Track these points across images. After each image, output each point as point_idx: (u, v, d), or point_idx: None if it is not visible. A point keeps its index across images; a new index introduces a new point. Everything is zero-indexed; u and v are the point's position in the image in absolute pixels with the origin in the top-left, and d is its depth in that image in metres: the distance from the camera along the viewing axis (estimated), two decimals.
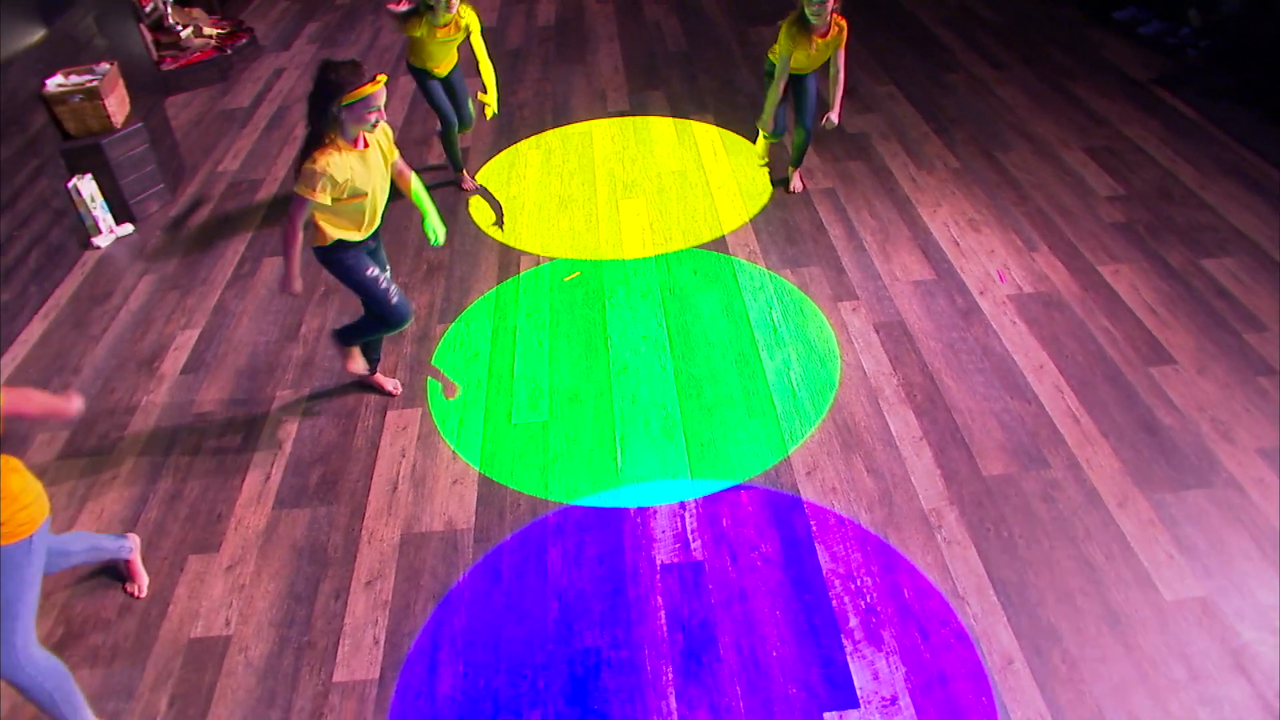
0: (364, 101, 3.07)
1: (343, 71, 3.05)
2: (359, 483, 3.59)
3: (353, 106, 3.07)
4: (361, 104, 3.07)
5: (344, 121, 3.11)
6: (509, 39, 7.62)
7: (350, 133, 3.16)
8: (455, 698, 2.81)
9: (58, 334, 4.58)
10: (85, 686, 2.90)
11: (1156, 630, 2.81)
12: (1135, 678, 2.69)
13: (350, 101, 3.04)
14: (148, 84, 6.89)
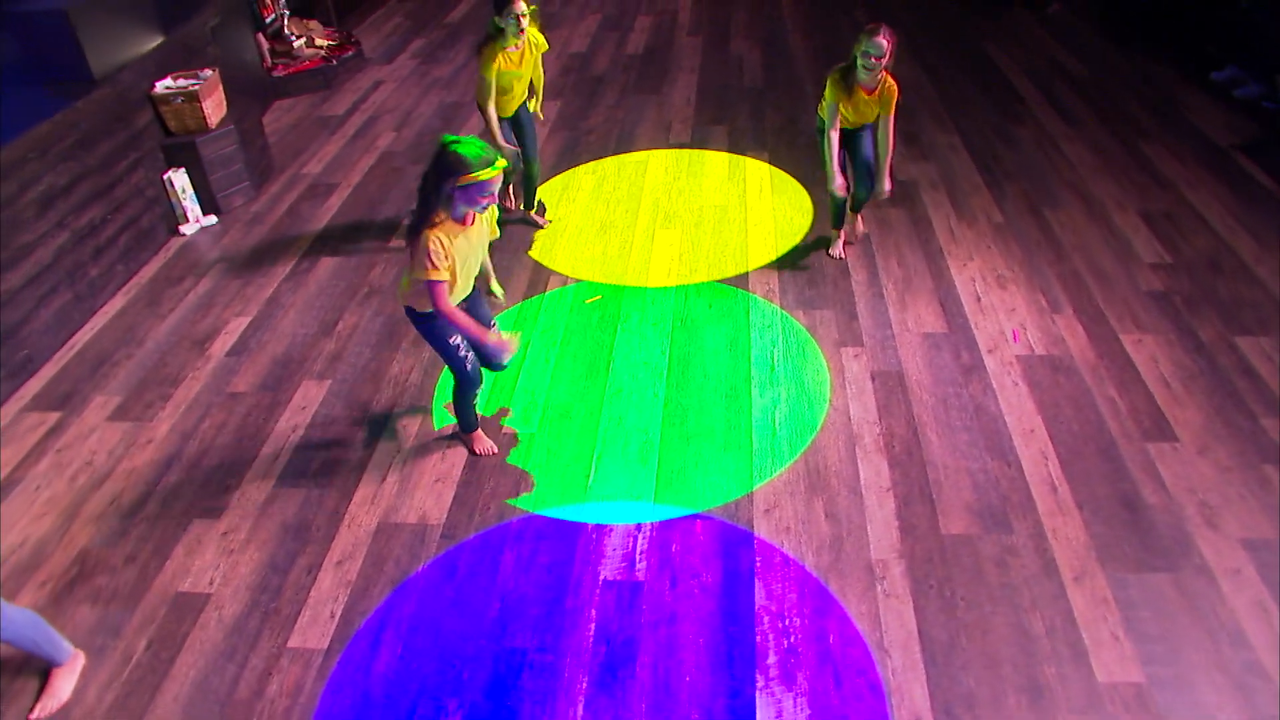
0: (479, 185, 3.05)
1: (464, 153, 3.02)
2: (353, 471, 3.92)
3: (467, 189, 3.06)
4: (476, 188, 3.06)
5: (456, 201, 3.11)
6: (595, 65, 8.01)
7: (460, 212, 3.17)
8: (388, 676, 3.06)
9: (133, 309, 5.17)
10: (81, 621, 3.31)
11: (1079, 711, 2.78)
12: None
13: (466, 184, 3.04)
14: (257, 88, 7.63)
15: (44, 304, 4.76)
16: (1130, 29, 7.86)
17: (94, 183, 5.15)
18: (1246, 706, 2.76)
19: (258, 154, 6.38)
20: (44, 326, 4.76)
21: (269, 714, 2.96)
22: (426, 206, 3.14)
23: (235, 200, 6.16)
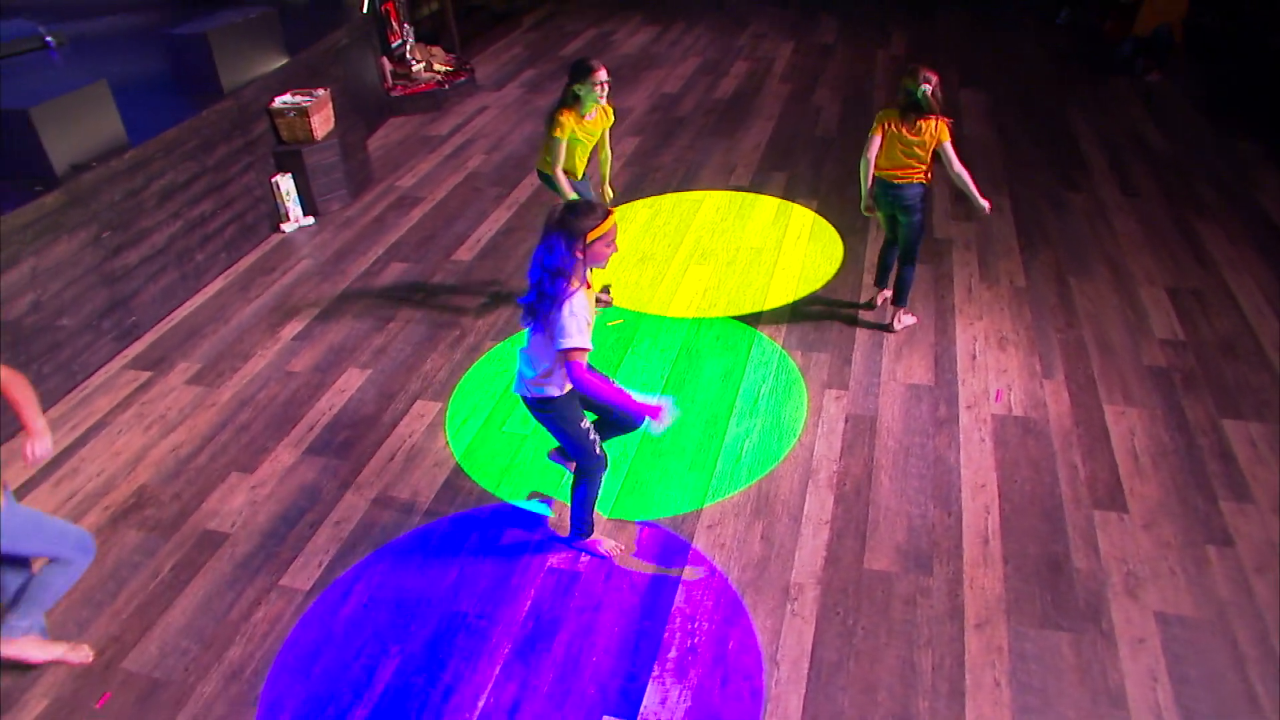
0: (605, 237, 3.14)
1: (583, 213, 3.13)
2: (369, 450, 4.56)
3: (594, 244, 3.13)
4: (603, 240, 3.14)
5: (586, 263, 3.17)
6: (681, 106, 8.57)
7: (586, 272, 3.22)
8: (350, 618, 3.63)
9: (227, 293, 6.06)
10: (127, 542, 4.06)
11: None
12: None
13: (594, 239, 3.12)
14: (374, 106, 8.61)
15: (154, 280, 5.70)
16: (1227, 105, 7.75)
17: (210, 180, 6.11)
18: None
19: (357, 166, 7.27)
20: (151, 299, 5.68)
21: (250, 635, 3.58)
22: (561, 279, 3.10)
23: (332, 205, 7.05)
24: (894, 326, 5.15)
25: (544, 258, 3.12)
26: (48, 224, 4.89)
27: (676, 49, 10.34)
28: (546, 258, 3.11)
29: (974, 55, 9.57)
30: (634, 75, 9.58)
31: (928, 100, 4.61)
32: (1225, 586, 3.51)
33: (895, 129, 4.73)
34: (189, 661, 3.49)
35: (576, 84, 4.94)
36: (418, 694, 3.31)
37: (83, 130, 5.23)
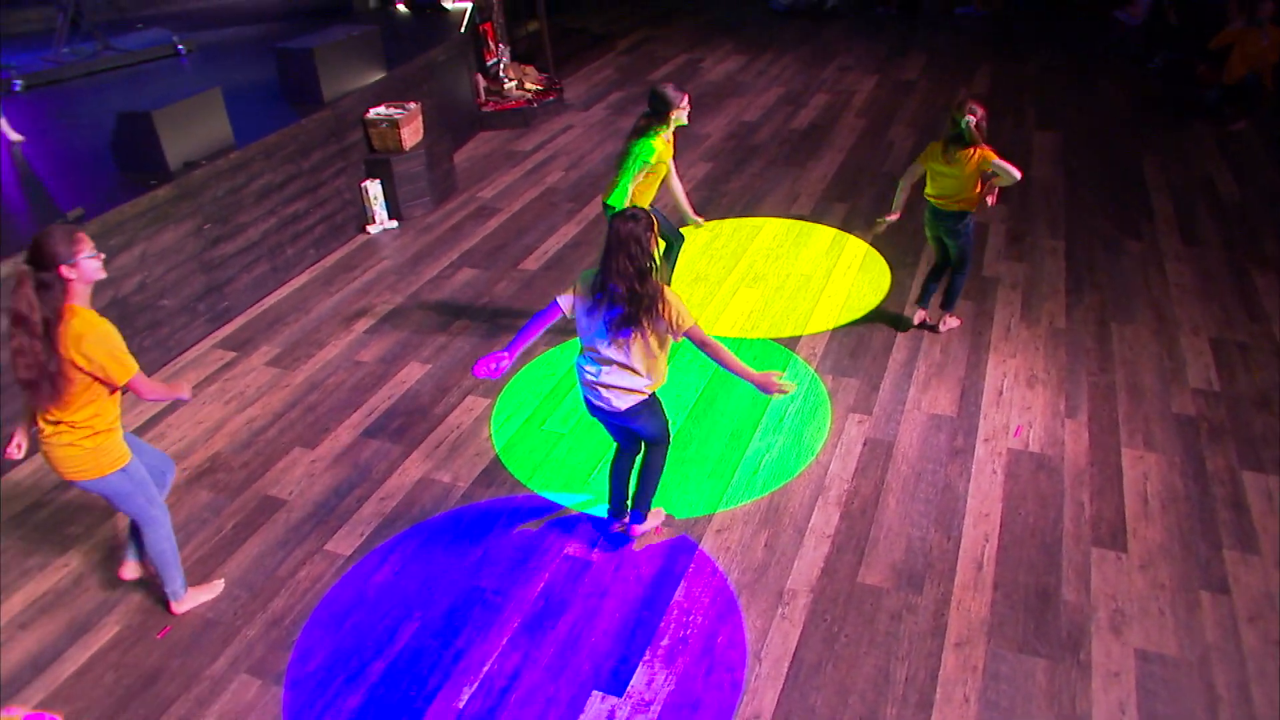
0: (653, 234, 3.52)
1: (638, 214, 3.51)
2: (419, 436, 5.01)
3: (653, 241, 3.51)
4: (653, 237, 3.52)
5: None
6: (757, 135, 8.89)
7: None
8: (381, 584, 4.06)
9: (311, 286, 6.66)
10: (197, 501, 4.60)
11: None
12: None
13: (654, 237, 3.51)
14: (466, 120, 9.21)
15: (247, 270, 6.32)
16: None
17: (304, 182, 6.73)
18: None
19: (441, 176, 7.83)
20: (243, 287, 6.31)
21: (293, 589, 4.04)
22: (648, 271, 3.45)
23: (415, 211, 7.62)
24: (939, 328, 5.55)
25: (626, 265, 3.41)
26: (158, 214, 5.55)
27: (762, 78, 10.67)
28: (630, 264, 3.41)
29: (1057, 97, 9.58)
30: (716, 102, 9.95)
31: (970, 132, 4.84)
32: (1213, 631, 3.60)
33: (935, 160, 5.01)
34: (238, 607, 3.97)
35: (665, 107, 5.10)
36: (431, 655, 3.70)
37: (196, 132, 5.90)
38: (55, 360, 3.21)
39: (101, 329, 3.28)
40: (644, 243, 3.43)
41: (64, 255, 3.17)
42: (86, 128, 6.83)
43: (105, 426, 3.45)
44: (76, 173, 6.16)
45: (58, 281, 3.19)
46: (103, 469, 3.51)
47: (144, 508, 3.69)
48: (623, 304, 3.48)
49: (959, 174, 4.93)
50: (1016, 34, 12.07)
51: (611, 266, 3.44)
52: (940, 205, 5.12)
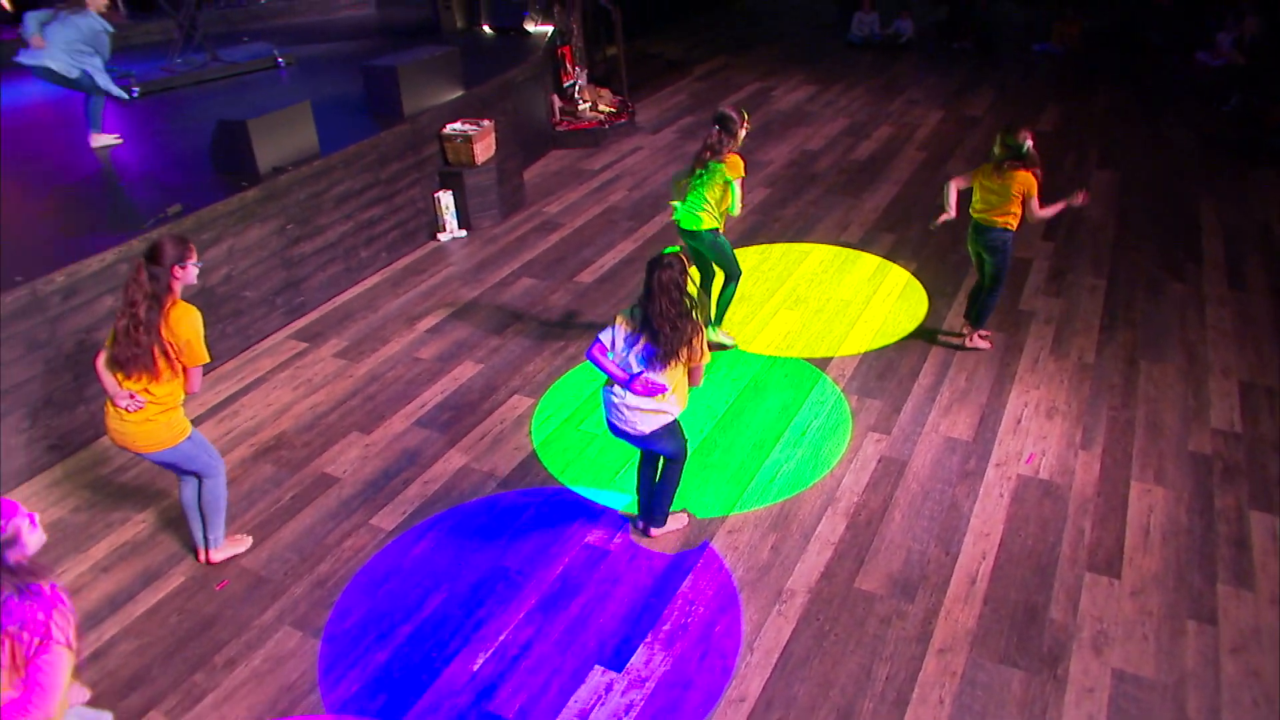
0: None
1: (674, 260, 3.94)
2: (465, 429, 5.45)
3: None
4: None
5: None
6: (817, 164, 9.18)
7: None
8: (417, 558, 4.48)
9: (381, 287, 7.21)
10: (261, 474, 5.12)
11: None
12: None
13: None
14: (539, 138, 9.74)
15: (323, 269, 6.90)
16: None
17: (380, 190, 7.30)
18: None
19: (511, 190, 8.34)
20: (318, 284, 6.89)
21: (338, 557, 4.50)
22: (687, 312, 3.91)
23: (484, 222, 8.14)
24: (965, 344, 5.83)
25: (669, 308, 3.87)
26: (246, 213, 6.15)
27: (829, 109, 10.96)
28: (672, 307, 3.88)
29: (1122, 136, 9.61)
30: (782, 130, 10.28)
31: (1030, 153, 5.23)
32: (1194, 659, 3.75)
33: (984, 176, 5.38)
34: (289, 568, 4.44)
35: (734, 126, 5.51)
36: (454, 623, 4.10)
37: (285, 140, 6.51)
38: (154, 338, 3.79)
39: (193, 317, 3.88)
40: (682, 287, 3.92)
41: (177, 258, 3.83)
42: (192, 132, 7.54)
43: (174, 404, 4.00)
44: (179, 172, 6.85)
45: (167, 276, 3.81)
46: (175, 439, 4.04)
47: (208, 464, 4.22)
48: (662, 342, 3.92)
49: (1005, 189, 5.27)
50: (1091, 72, 12.09)
51: (655, 309, 3.91)
52: (982, 220, 5.44)
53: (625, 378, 4.04)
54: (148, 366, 3.82)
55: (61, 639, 2.52)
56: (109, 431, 4.03)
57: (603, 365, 4.10)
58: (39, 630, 2.49)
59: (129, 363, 3.83)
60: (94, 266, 5.31)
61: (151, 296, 3.79)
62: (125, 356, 3.82)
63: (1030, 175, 5.25)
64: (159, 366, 3.83)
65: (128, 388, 3.89)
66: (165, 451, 4.06)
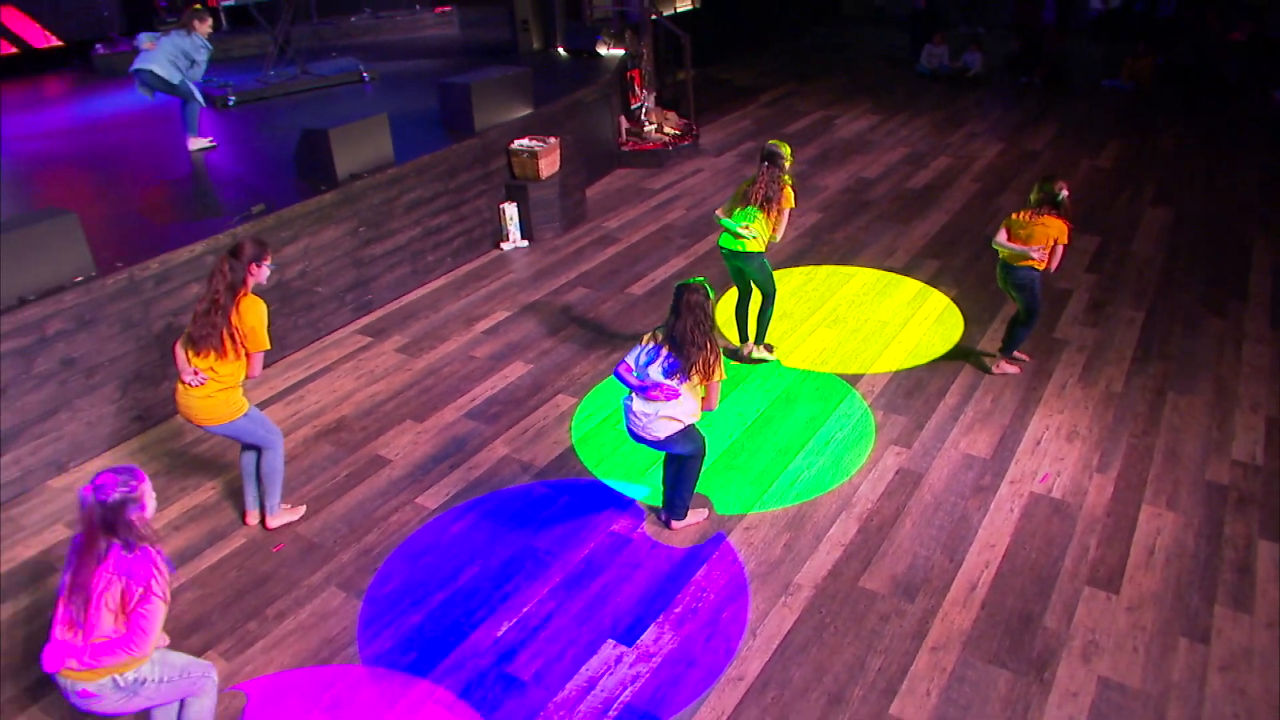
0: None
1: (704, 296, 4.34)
2: (512, 422, 5.86)
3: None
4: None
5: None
6: (872, 191, 9.43)
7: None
8: (455, 535, 4.89)
9: (444, 290, 7.70)
10: (320, 453, 5.60)
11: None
12: None
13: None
14: (605, 157, 10.20)
15: (390, 270, 7.43)
16: None
17: (449, 199, 7.82)
18: None
19: (573, 205, 8.79)
20: (386, 285, 7.41)
21: (384, 530, 4.93)
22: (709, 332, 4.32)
23: (545, 234, 8.59)
24: (992, 369, 6.04)
25: (693, 328, 4.29)
26: (322, 215, 6.71)
27: (890, 138, 11.19)
28: (696, 328, 4.29)
29: (1183, 174, 9.60)
30: (841, 158, 10.55)
31: (1064, 203, 5.48)
32: (1181, 672, 3.90)
33: (1017, 216, 5.62)
34: (338, 537, 4.89)
35: (783, 159, 5.91)
36: (483, 594, 4.48)
37: (362, 149, 7.06)
38: (225, 323, 4.30)
39: (259, 308, 4.42)
40: (707, 310, 4.34)
41: (255, 257, 4.40)
42: (279, 138, 8.19)
43: (234, 383, 4.51)
44: (265, 174, 7.47)
45: (244, 271, 4.36)
46: (233, 415, 4.54)
47: (265, 437, 4.70)
48: (684, 358, 4.33)
49: (1032, 233, 5.50)
50: (1160, 110, 12.06)
51: (680, 327, 4.34)
52: (1009, 259, 5.63)
53: (641, 386, 4.41)
54: (216, 346, 4.33)
55: (160, 594, 3.02)
56: (178, 406, 4.53)
57: (624, 379, 4.49)
58: (143, 583, 2.99)
59: (201, 341, 4.34)
60: (184, 256, 5.90)
61: (229, 286, 4.33)
62: (199, 335, 4.34)
63: (1062, 224, 5.47)
64: (225, 347, 4.34)
65: (195, 364, 4.39)
66: (223, 425, 4.56)
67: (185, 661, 3.32)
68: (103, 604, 2.93)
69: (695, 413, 4.49)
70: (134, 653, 2.95)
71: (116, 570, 2.95)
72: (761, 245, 5.97)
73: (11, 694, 4.04)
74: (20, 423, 5.29)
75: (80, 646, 2.93)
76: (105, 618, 2.94)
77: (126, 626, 2.96)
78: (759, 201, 5.86)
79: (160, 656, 3.19)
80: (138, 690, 3.06)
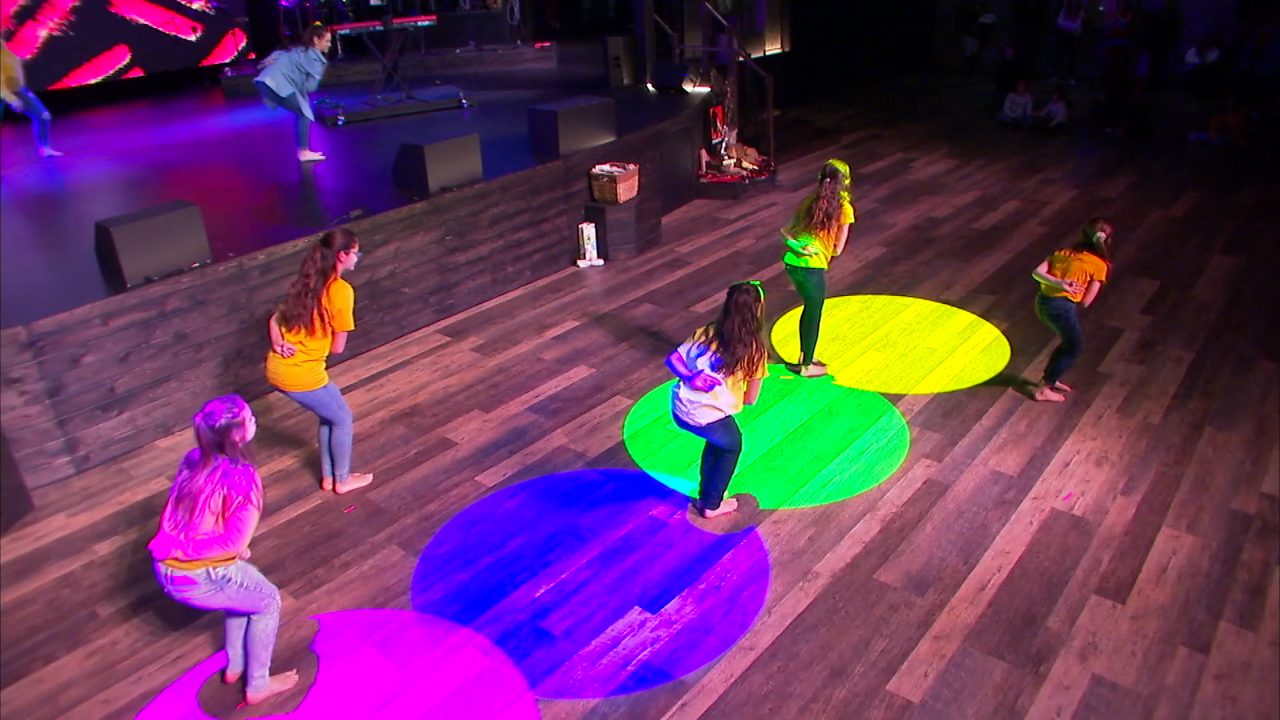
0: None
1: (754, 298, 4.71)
2: (569, 417, 6.35)
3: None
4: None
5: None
6: (938, 229, 9.72)
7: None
8: (507, 510, 5.38)
9: (521, 300, 8.30)
10: (393, 434, 6.19)
11: (856, 696, 4.03)
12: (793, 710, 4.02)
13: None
14: (683, 186, 10.74)
15: (472, 278, 8.06)
16: None
17: (530, 216, 8.44)
18: None
19: (647, 229, 9.33)
20: (467, 291, 8.05)
21: (444, 500, 5.47)
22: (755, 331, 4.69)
23: (620, 254, 9.14)
24: (1035, 395, 6.28)
25: (740, 327, 4.69)
26: (413, 222, 7.39)
27: (964, 182, 11.43)
28: (743, 327, 4.69)
29: (1258, 227, 9.54)
30: (912, 198, 10.86)
31: (1101, 246, 5.76)
32: (1176, 677, 4.08)
33: (1060, 252, 5.94)
34: (403, 504, 5.44)
35: (843, 176, 6.38)
36: (527, 560, 4.95)
37: (454, 164, 7.75)
38: (315, 303, 4.92)
39: (346, 292, 5.03)
40: (755, 310, 4.74)
41: (344, 245, 5.02)
42: (381, 154, 8.98)
43: (319, 357, 5.12)
44: (365, 184, 8.24)
45: (333, 258, 4.98)
46: (315, 385, 5.14)
47: (337, 412, 5.30)
48: (730, 354, 4.75)
49: (1069, 267, 5.78)
50: (1246, 165, 11.96)
51: (729, 324, 4.76)
52: (1046, 291, 5.90)
53: (688, 375, 4.84)
54: (306, 324, 4.95)
55: (255, 502, 3.62)
56: (268, 373, 5.17)
57: (675, 367, 4.93)
58: (242, 493, 3.58)
59: (293, 319, 4.97)
60: (287, 251, 6.63)
61: (319, 272, 4.95)
62: (292, 314, 4.97)
63: (1100, 262, 5.74)
64: (314, 325, 4.96)
65: (288, 339, 5.02)
66: (305, 394, 5.16)
67: (262, 579, 3.88)
68: (207, 507, 3.51)
69: (736, 405, 4.89)
70: (229, 548, 3.52)
71: (222, 481, 3.53)
72: (824, 262, 6.40)
73: (117, 608, 4.69)
74: (137, 386, 6.03)
75: (184, 541, 3.51)
76: (207, 519, 3.52)
77: (225, 527, 3.53)
78: (820, 219, 6.30)
79: (244, 565, 3.75)
80: (223, 586, 3.62)
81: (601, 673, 4.21)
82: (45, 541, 5.27)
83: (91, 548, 5.19)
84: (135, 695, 4.18)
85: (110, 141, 10.67)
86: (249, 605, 3.83)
